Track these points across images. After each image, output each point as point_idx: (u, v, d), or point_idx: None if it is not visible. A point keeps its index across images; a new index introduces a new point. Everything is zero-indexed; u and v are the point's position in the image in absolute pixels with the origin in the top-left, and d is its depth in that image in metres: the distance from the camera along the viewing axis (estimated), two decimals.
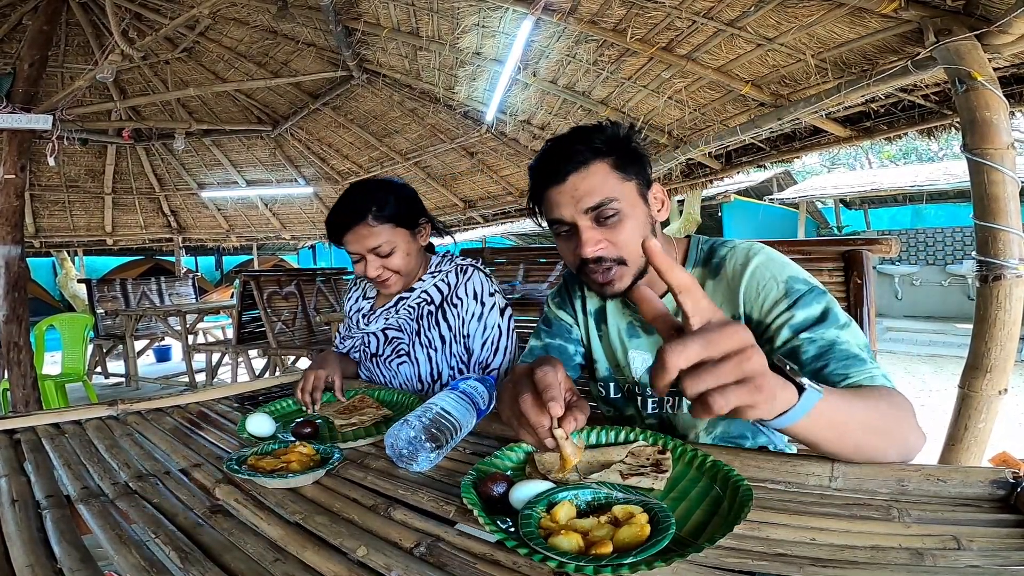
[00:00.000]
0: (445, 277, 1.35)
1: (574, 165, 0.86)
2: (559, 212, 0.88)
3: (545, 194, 0.90)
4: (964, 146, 1.75)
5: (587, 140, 0.87)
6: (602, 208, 0.85)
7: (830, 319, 0.79)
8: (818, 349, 0.77)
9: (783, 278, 0.83)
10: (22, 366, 3.34)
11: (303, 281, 4.75)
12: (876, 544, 0.51)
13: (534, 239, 12.92)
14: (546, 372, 0.64)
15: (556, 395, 0.62)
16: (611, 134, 0.88)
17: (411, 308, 1.34)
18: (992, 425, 1.69)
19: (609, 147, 0.87)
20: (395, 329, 1.35)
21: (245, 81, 4.89)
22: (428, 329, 1.32)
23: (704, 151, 3.51)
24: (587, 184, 0.85)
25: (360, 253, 1.25)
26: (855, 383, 0.73)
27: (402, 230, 1.28)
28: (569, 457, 0.62)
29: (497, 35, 3.34)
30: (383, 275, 1.27)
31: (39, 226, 6.60)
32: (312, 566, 0.52)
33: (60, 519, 0.62)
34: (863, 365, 0.75)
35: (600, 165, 0.86)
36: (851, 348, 0.76)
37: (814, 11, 2.25)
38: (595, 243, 0.86)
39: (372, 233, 1.23)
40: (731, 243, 0.94)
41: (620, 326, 1.01)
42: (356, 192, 1.27)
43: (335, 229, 1.26)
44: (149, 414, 1.09)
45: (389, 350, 1.35)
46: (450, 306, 1.32)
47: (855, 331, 0.79)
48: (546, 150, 0.92)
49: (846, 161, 17.27)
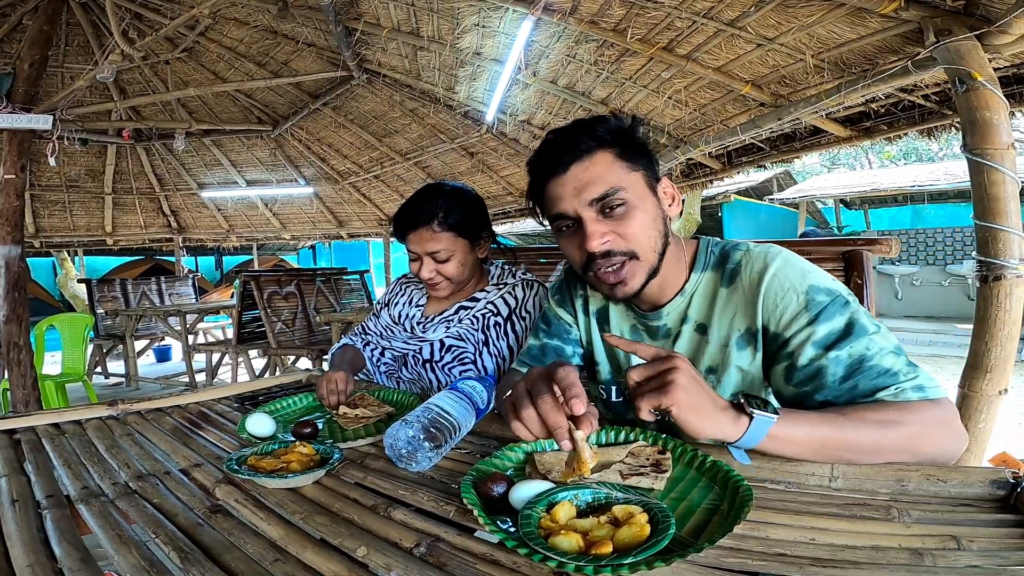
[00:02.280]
0: (512, 291, 1.37)
1: (576, 154, 0.81)
2: (561, 206, 0.82)
3: (546, 188, 0.85)
4: (964, 146, 1.75)
5: (589, 130, 0.82)
6: (608, 198, 0.79)
7: (856, 330, 0.74)
8: (846, 369, 0.73)
9: (803, 288, 0.78)
10: (22, 366, 3.35)
11: (303, 281, 4.76)
12: (876, 544, 0.51)
13: (534, 239, 12.92)
14: (568, 371, 0.65)
15: (579, 393, 0.63)
16: (615, 124, 0.84)
17: (475, 319, 1.35)
18: (992, 425, 1.69)
19: (613, 137, 0.82)
20: (454, 338, 1.35)
21: (245, 81, 4.89)
22: (496, 340, 1.33)
23: (704, 151, 3.51)
24: (590, 174, 0.80)
25: (418, 254, 1.28)
26: (880, 399, 0.71)
27: (463, 240, 1.30)
28: (587, 460, 0.61)
29: (497, 35, 3.34)
30: (435, 279, 1.30)
31: (39, 226, 6.60)
32: (312, 566, 0.52)
33: (60, 519, 0.62)
34: (894, 380, 0.71)
35: (604, 154, 0.81)
36: (883, 361, 0.72)
37: (814, 11, 2.25)
38: (601, 236, 0.80)
39: (434, 238, 1.26)
40: (745, 246, 0.88)
41: (624, 329, 0.98)
42: (428, 194, 1.29)
43: (401, 226, 1.29)
44: (149, 414, 1.09)
45: (450, 357, 1.34)
46: (518, 319, 1.34)
47: (885, 336, 0.74)
48: (546, 142, 0.87)
49: (846, 161, 17.27)
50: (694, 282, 0.90)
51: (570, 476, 0.63)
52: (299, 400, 1.14)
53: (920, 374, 0.72)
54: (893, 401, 0.70)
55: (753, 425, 0.63)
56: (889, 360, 0.72)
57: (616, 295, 0.85)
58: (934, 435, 0.68)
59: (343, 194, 7.30)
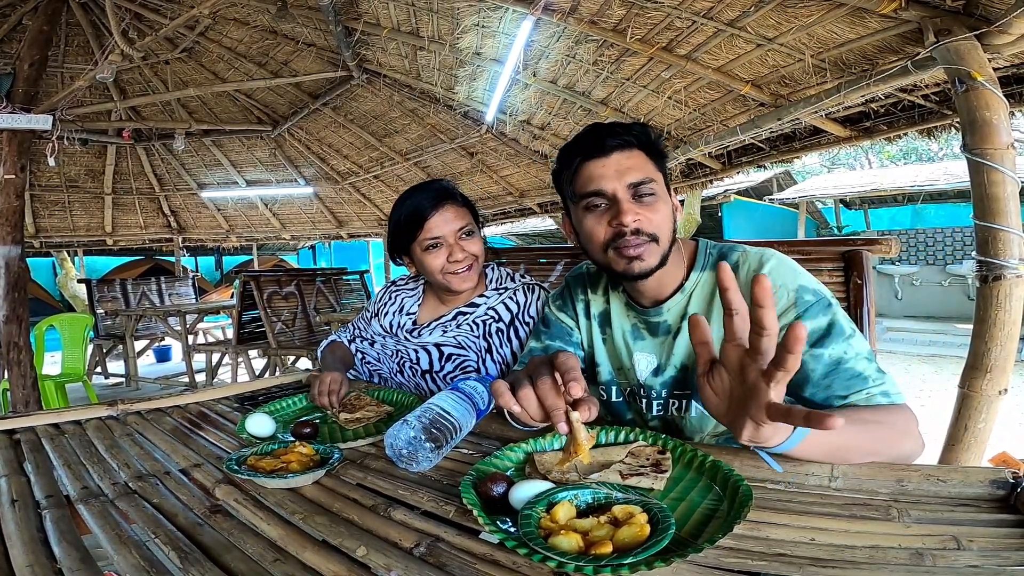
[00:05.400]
0: (513, 295, 1.32)
1: (619, 143, 0.89)
2: (600, 183, 0.88)
3: (584, 167, 0.91)
4: (964, 146, 1.75)
5: (628, 129, 0.91)
6: (643, 185, 0.87)
7: (835, 331, 0.80)
8: (824, 368, 0.79)
9: (793, 287, 0.84)
10: (22, 366, 3.35)
11: (303, 281, 4.76)
12: (876, 544, 0.51)
13: (534, 239, 12.92)
14: (568, 357, 0.69)
15: (578, 377, 0.65)
16: (647, 130, 0.93)
17: (475, 324, 1.30)
18: (992, 425, 1.69)
19: (645, 140, 0.91)
20: (453, 346, 1.30)
21: (245, 81, 4.89)
22: (500, 347, 1.29)
23: (704, 151, 3.51)
24: (631, 162, 0.89)
25: (443, 236, 1.21)
26: (851, 403, 0.77)
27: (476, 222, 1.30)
28: (582, 442, 0.63)
29: (497, 35, 3.34)
30: (468, 259, 1.24)
31: (39, 226, 6.59)
32: (312, 566, 0.52)
33: (60, 519, 0.62)
34: (864, 385, 0.78)
35: (640, 152, 0.90)
36: (856, 365, 0.78)
37: (814, 11, 2.25)
38: (635, 214, 0.87)
39: (458, 212, 1.23)
40: (741, 248, 0.93)
41: (625, 328, 1.00)
42: (427, 184, 1.27)
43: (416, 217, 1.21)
44: (149, 414, 1.09)
45: (451, 366, 1.30)
46: (522, 324, 1.30)
47: (859, 341, 0.80)
48: (588, 129, 0.94)
49: (846, 161, 17.27)
50: (694, 281, 0.93)
51: (566, 462, 0.64)
52: (299, 400, 1.14)
53: (887, 380, 0.79)
54: (866, 405, 0.77)
55: (796, 431, 0.63)
56: (862, 365, 0.79)
57: (632, 270, 0.89)
58: (898, 438, 0.73)
59: (343, 194, 7.30)
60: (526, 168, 5.32)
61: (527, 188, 5.69)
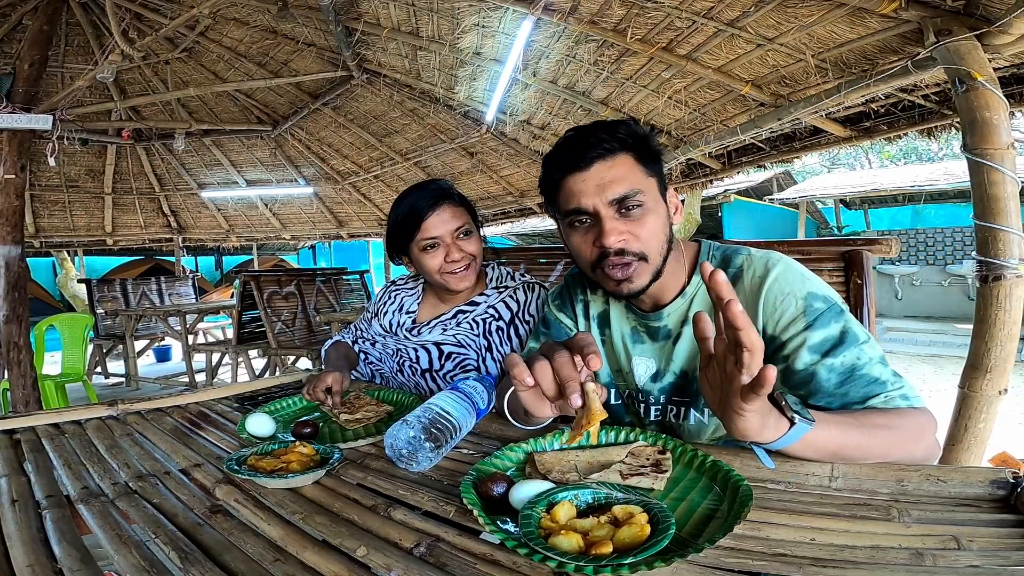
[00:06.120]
0: (513, 294, 1.32)
1: (600, 153, 0.82)
2: (580, 201, 0.83)
3: (564, 182, 0.85)
4: (964, 146, 1.75)
5: (611, 131, 0.84)
6: (627, 199, 0.81)
7: (849, 339, 0.78)
8: (840, 376, 0.77)
9: (802, 294, 0.81)
10: (22, 366, 3.34)
11: (303, 281, 4.76)
12: (876, 544, 0.51)
13: (534, 239, 12.92)
14: (587, 335, 0.68)
15: (597, 351, 0.65)
16: (635, 130, 0.86)
17: (475, 323, 1.30)
18: (992, 425, 1.69)
19: (633, 141, 0.84)
20: (453, 344, 1.30)
21: (245, 81, 4.89)
22: (500, 345, 1.29)
23: (704, 151, 3.51)
24: (613, 173, 0.82)
25: (439, 237, 1.21)
26: (871, 407, 0.76)
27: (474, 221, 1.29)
28: (596, 412, 0.63)
29: (497, 35, 3.34)
30: (465, 259, 1.24)
31: (39, 226, 6.59)
32: (312, 566, 0.52)
33: (60, 519, 0.62)
34: (882, 389, 0.76)
35: (626, 157, 0.84)
36: (871, 371, 0.77)
37: (814, 11, 2.25)
38: (619, 233, 0.82)
39: (455, 212, 1.23)
40: (746, 251, 0.90)
41: (624, 331, 0.98)
42: (424, 184, 1.27)
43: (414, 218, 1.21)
44: (149, 414, 1.09)
45: (451, 365, 1.30)
46: (522, 323, 1.30)
47: (873, 346, 0.79)
48: (567, 138, 0.88)
49: (846, 161, 17.27)
50: (695, 285, 0.91)
51: (577, 437, 0.64)
52: (299, 400, 1.14)
53: (905, 384, 0.77)
54: (884, 408, 0.75)
55: (791, 430, 0.63)
56: (878, 370, 0.77)
57: (621, 291, 0.86)
58: (910, 442, 0.73)
59: (343, 194, 7.30)
60: (526, 168, 5.31)
61: (527, 188, 5.69)
